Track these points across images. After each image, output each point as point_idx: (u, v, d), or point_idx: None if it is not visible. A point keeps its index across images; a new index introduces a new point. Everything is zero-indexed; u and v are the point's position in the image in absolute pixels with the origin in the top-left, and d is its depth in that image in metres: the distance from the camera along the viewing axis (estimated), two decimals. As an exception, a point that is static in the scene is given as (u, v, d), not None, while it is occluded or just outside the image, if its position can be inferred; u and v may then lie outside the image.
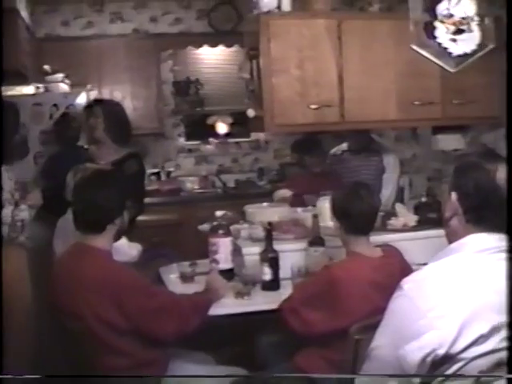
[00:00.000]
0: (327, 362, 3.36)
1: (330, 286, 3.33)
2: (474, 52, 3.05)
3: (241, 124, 8.22)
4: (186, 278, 4.24)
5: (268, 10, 4.48)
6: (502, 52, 3.23)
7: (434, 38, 2.99)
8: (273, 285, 4.00)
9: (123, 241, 4.14)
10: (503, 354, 1.72)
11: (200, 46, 8.33)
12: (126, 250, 4.19)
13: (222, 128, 8.58)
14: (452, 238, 2.38)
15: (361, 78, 4.62)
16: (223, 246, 4.10)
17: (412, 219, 4.53)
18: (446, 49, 3.01)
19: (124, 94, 7.73)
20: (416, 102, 4.70)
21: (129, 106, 7.66)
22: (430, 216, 4.52)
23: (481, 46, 3.04)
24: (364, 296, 3.19)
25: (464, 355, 2.16)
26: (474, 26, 2.96)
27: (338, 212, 3.55)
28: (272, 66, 4.46)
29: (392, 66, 4.35)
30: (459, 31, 2.98)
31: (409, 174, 6.36)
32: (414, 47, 2.98)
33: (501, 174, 2.31)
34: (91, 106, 4.93)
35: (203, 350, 3.87)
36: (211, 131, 8.61)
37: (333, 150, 5.57)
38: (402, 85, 4.66)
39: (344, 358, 3.08)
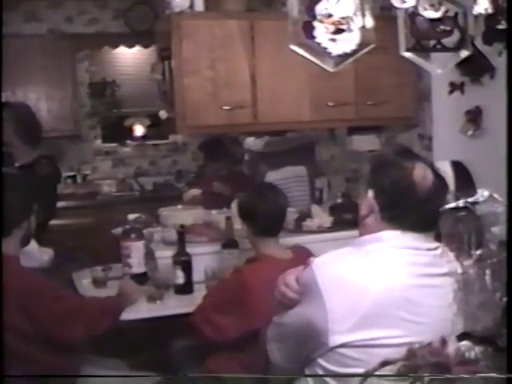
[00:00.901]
0: (239, 364, 3.34)
1: (239, 289, 3.31)
2: (354, 52, 3.04)
3: (158, 126, 8.14)
4: (98, 282, 4.19)
5: (180, 10, 4.42)
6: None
7: (313, 37, 2.97)
8: (186, 288, 3.97)
9: (34, 246, 4.04)
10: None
11: (116, 46, 8.23)
12: (37, 255, 4.10)
13: (139, 130, 8.52)
14: (365, 234, 2.38)
15: (274, 79, 4.60)
16: (136, 250, 4.04)
17: (327, 220, 4.54)
18: (325, 49, 2.99)
19: (38, 96, 7.58)
20: (330, 103, 4.71)
21: (43, 107, 7.56)
22: (345, 217, 4.55)
23: (361, 45, 3.04)
24: (273, 298, 3.17)
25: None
26: (354, 25, 2.95)
27: (244, 214, 3.53)
28: (183, 67, 4.40)
29: (305, 67, 4.28)
30: (339, 31, 2.96)
31: (327, 175, 6.37)
32: (293, 47, 2.95)
33: (418, 171, 2.31)
34: None
35: (116, 356, 3.82)
36: (128, 133, 8.54)
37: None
38: (315, 85, 4.65)
39: (256, 361, 3.05)
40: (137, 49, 8.16)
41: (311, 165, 5.53)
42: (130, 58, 8.48)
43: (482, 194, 1.63)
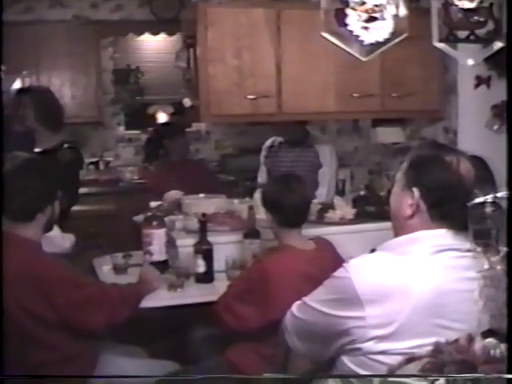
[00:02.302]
0: (259, 356, 3.33)
1: (261, 279, 3.30)
2: (387, 40, 3.01)
3: (181, 114, 8.12)
4: (119, 269, 4.18)
5: (207, -2, 4.43)
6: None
7: (346, 25, 2.94)
8: (206, 277, 3.96)
9: (56, 231, 4.04)
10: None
11: (141, 33, 8.21)
12: (59, 241, 4.10)
13: (162, 117, 8.50)
14: (406, 234, 2.32)
15: (299, 69, 4.57)
16: (157, 238, 4.03)
17: (349, 212, 4.51)
18: (357, 37, 2.95)
19: (62, 81, 7.60)
20: (355, 94, 4.68)
21: (67, 93, 7.58)
22: (368, 209, 4.52)
23: (394, 34, 2.99)
24: (296, 289, 3.13)
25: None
26: (387, 14, 2.91)
27: (268, 204, 3.51)
28: (208, 55, 4.39)
29: (331, 58, 4.30)
30: (371, 19, 2.93)
31: (350, 166, 6.35)
32: (325, 35, 2.92)
33: (463, 165, 2.27)
34: (19, 95, 4.84)
35: (135, 343, 3.83)
36: (151, 121, 8.51)
37: (267, 143, 5.51)
38: (341, 76, 4.63)
39: (276, 352, 3.04)
40: (161, 36, 8.14)
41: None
42: (154, 45, 8.47)
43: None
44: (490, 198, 1.61)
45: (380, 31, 2.94)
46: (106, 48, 8.30)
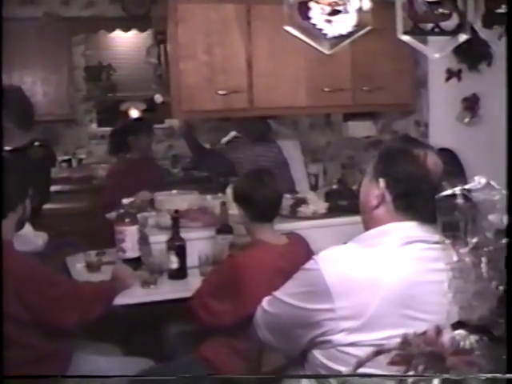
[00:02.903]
0: (233, 351, 3.35)
1: (234, 274, 3.30)
2: (350, 34, 3.01)
3: (154, 110, 8.10)
4: (92, 267, 4.17)
5: (177, -6, 4.40)
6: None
7: (309, 18, 2.93)
8: (180, 273, 3.96)
9: (28, 230, 4.02)
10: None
11: (113, 30, 8.15)
12: (31, 239, 4.08)
13: (134, 114, 8.45)
14: (374, 226, 2.33)
15: (270, 64, 4.57)
16: (129, 235, 4.02)
17: (322, 207, 4.52)
18: (320, 30, 2.95)
19: (34, 79, 7.53)
20: (326, 89, 4.68)
21: (39, 91, 7.52)
22: (340, 203, 4.53)
23: (357, 27, 3.00)
24: (269, 283, 3.12)
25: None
26: (350, 7, 2.91)
27: (240, 199, 3.51)
28: (179, 51, 4.37)
29: (302, 52, 4.28)
30: (335, 12, 2.92)
31: (323, 161, 6.36)
32: (288, 29, 2.91)
33: (431, 158, 2.28)
34: None
35: (109, 341, 3.82)
36: (124, 117, 8.45)
37: (225, 138, 5.51)
38: (311, 71, 4.63)
39: (249, 347, 3.04)
40: (133, 33, 8.09)
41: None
42: (126, 41, 8.42)
43: (479, 181, 1.61)
44: (458, 190, 1.62)
45: (343, 24, 2.94)
46: (77, 45, 8.23)
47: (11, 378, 2.14)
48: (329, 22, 2.91)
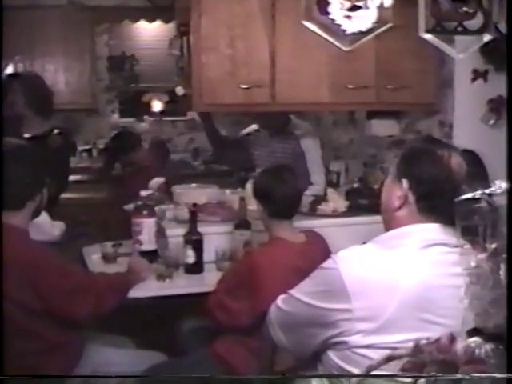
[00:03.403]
0: (246, 348, 3.32)
1: (251, 272, 3.27)
2: (370, 30, 2.94)
3: (176, 102, 8.09)
4: (108, 258, 4.17)
5: (201, -14, 4.35)
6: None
7: (327, 13, 2.87)
8: (196, 268, 3.94)
9: (45, 219, 4.01)
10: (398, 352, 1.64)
11: (137, 20, 8.14)
12: (48, 228, 4.07)
13: (157, 106, 8.45)
14: (395, 227, 2.31)
15: (293, 59, 4.51)
16: (147, 227, 4.00)
17: (342, 205, 4.49)
18: (339, 26, 2.89)
19: (57, 68, 7.55)
20: (349, 86, 4.62)
21: (61, 79, 7.54)
22: (361, 202, 4.51)
23: (377, 24, 2.93)
24: (285, 281, 3.10)
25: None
26: (371, 2, 2.84)
27: (260, 195, 3.48)
28: (202, 43, 4.33)
29: (326, 48, 4.21)
30: (355, 8, 2.86)
31: (345, 159, 6.32)
32: (305, 23, 2.86)
33: (455, 159, 2.26)
34: (9, 80, 4.79)
35: (123, 334, 3.81)
36: (146, 109, 8.47)
37: (245, 130, 5.47)
38: (335, 67, 4.57)
39: (263, 345, 3.01)
40: (157, 24, 8.07)
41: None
42: (150, 32, 8.42)
43: (500, 185, 1.56)
44: (478, 193, 1.57)
45: (363, 20, 2.87)
46: (101, 34, 8.24)
47: (11, 377, 2.10)
48: (348, 17, 2.85)
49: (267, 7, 4.41)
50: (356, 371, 2.09)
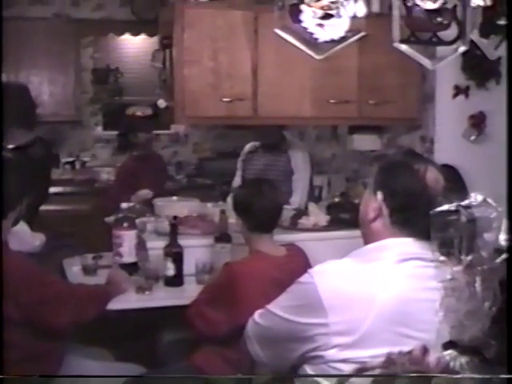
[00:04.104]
0: (225, 360, 3.31)
1: (230, 283, 3.27)
2: (342, 39, 2.94)
3: (163, 116, 8.09)
4: (88, 270, 4.15)
5: (184, -1, 4.38)
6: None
7: (300, 22, 2.88)
8: (176, 280, 3.93)
9: (25, 230, 4.00)
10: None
11: (122, 33, 8.16)
12: (28, 239, 4.05)
13: (140, 119, 8.44)
14: (371, 240, 2.30)
15: (276, 73, 4.54)
16: (127, 239, 3.99)
17: (323, 219, 4.49)
18: (312, 34, 2.89)
19: (41, 79, 7.54)
20: (332, 100, 4.64)
21: (46, 91, 7.53)
22: (342, 216, 4.50)
23: (350, 32, 2.93)
24: (264, 294, 3.10)
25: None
26: (343, 11, 2.84)
27: (239, 208, 3.48)
28: (184, 56, 4.35)
29: (308, 63, 4.23)
30: (327, 16, 2.86)
31: (328, 173, 6.34)
32: (278, 32, 2.86)
33: (431, 174, 2.24)
34: None
35: (102, 346, 3.79)
36: (130, 121, 8.45)
37: (247, 147, 5.46)
38: (317, 82, 4.59)
39: (242, 357, 3.00)
40: (142, 37, 8.08)
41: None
42: (134, 46, 8.42)
43: (476, 198, 1.56)
44: (453, 206, 1.57)
45: (335, 29, 2.87)
46: (86, 47, 8.24)
47: (11, 377, 2.10)
48: (321, 25, 2.85)
49: (250, 21, 4.43)
50: (329, 384, 2.08)
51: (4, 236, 3.23)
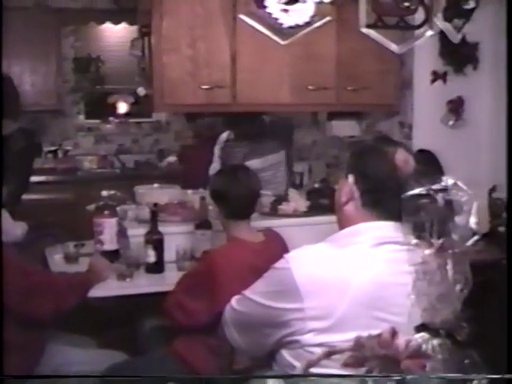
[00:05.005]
0: (206, 347, 3.31)
1: (208, 271, 3.28)
2: (307, 24, 2.95)
3: (143, 104, 8.09)
4: (70, 258, 4.16)
5: (163, -13, 4.37)
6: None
7: (264, 7, 2.89)
8: (157, 267, 3.95)
9: (7, 219, 4.02)
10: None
11: (102, 22, 8.17)
12: (10, 228, 4.06)
13: (122, 107, 8.44)
14: (345, 224, 2.33)
15: (254, 60, 4.54)
16: (108, 227, 4.01)
17: (303, 205, 4.51)
18: (276, 19, 2.90)
19: (22, 69, 7.50)
20: (310, 87, 4.65)
21: (27, 81, 7.50)
22: (321, 202, 4.52)
23: (315, 18, 2.94)
24: (242, 280, 3.12)
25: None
26: None
27: (215, 195, 3.49)
28: (163, 44, 4.34)
29: (286, 49, 4.26)
30: (291, 1, 2.87)
31: (308, 160, 6.35)
32: (243, 17, 2.88)
33: (399, 155, 2.28)
34: None
35: (84, 333, 3.81)
36: (112, 110, 8.47)
37: (223, 135, 5.47)
38: (296, 68, 4.60)
39: (222, 344, 3.03)
40: (123, 26, 8.06)
41: (289, 149, 5.45)
42: (115, 34, 8.41)
43: (447, 181, 1.59)
44: (424, 189, 1.60)
45: (300, 14, 2.88)
46: (67, 36, 8.23)
47: (12, 377, 2.12)
48: (285, 11, 2.86)
49: (228, 8, 4.42)
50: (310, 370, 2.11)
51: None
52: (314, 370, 1.72)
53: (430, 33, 3.00)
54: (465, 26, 3.07)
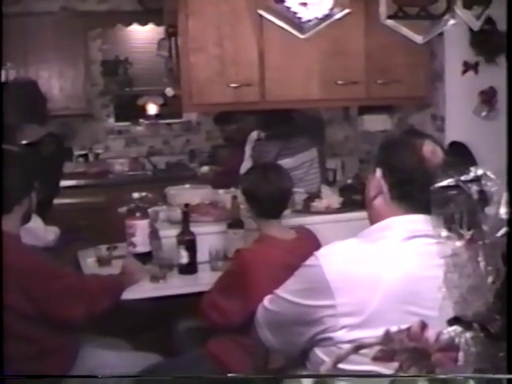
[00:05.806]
0: (240, 347, 3.32)
1: (241, 270, 3.27)
2: (326, 17, 2.91)
3: (172, 105, 8.10)
4: (102, 261, 4.18)
5: (188, -14, 4.35)
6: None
7: (283, 1, 2.85)
8: (190, 268, 3.95)
9: (39, 224, 4.02)
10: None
11: (129, 24, 8.14)
12: (42, 234, 4.08)
13: (152, 109, 8.45)
14: (375, 219, 2.32)
15: (282, 57, 4.49)
16: (140, 229, 4.01)
17: (336, 201, 4.48)
18: (295, 13, 2.86)
19: (51, 74, 7.55)
20: (339, 82, 4.60)
21: (56, 86, 7.55)
22: (354, 198, 4.49)
23: (334, 10, 2.90)
24: (276, 279, 3.09)
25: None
26: None
27: (246, 195, 3.48)
28: (190, 44, 4.31)
29: (315, 45, 4.23)
30: None
31: (341, 156, 6.32)
32: (261, 12, 2.84)
33: (427, 147, 2.25)
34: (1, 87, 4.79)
35: (118, 336, 3.81)
36: (141, 112, 8.48)
37: (253, 135, 5.44)
38: (325, 64, 4.55)
39: (257, 344, 3.00)
40: (150, 26, 8.04)
41: (321, 145, 5.42)
42: (142, 35, 8.40)
43: (476, 172, 1.55)
44: (453, 181, 1.56)
45: (319, 7, 2.85)
46: (94, 39, 8.24)
47: (12, 377, 2.10)
48: (304, 4, 2.83)
49: (253, 5, 4.38)
50: (344, 367, 2.08)
51: (13, 230, 3.25)
52: (342, 366, 1.69)
53: (452, 22, 2.95)
54: (485, 13, 3.00)
